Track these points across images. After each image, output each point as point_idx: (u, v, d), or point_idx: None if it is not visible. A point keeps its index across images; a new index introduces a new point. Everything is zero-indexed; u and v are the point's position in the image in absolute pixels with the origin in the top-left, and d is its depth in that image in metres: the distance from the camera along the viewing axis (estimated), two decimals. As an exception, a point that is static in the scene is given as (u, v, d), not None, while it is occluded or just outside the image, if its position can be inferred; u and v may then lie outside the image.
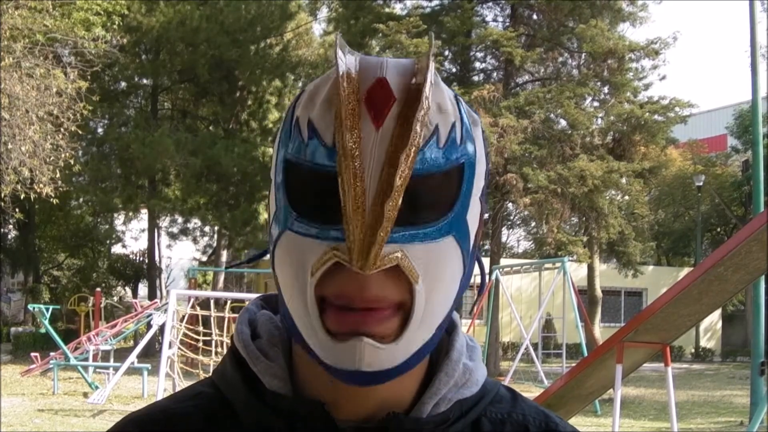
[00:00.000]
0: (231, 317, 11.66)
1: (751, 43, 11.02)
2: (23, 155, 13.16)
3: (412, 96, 0.70)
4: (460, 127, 0.73)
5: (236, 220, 23.03)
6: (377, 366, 0.70)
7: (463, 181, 0.73)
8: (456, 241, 0.72)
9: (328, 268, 0.69)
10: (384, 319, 0.69)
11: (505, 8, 20.25)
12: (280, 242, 0.73)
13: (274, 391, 0.78)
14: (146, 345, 15.06)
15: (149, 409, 0.84)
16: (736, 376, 19.70)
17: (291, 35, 25.12)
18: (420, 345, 0.73)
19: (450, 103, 0.73)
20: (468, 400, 0.81)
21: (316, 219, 0.70)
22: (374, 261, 0.66)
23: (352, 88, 0.70)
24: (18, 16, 13.25)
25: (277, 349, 0.81)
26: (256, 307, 0.88)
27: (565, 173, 16.98)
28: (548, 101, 17.73)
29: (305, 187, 0.71)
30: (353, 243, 0.66)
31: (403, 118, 0.69)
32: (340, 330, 0.69)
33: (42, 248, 30.84)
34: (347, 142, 0.67)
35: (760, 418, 7.76)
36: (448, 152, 0.71)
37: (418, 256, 0.69)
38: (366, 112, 0.69)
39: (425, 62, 0.72)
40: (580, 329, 15.82)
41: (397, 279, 0.69)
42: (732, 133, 29.71)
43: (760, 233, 5.73)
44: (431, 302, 0.71)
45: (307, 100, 0.74)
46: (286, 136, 0.74)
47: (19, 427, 10.71)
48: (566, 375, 7.62)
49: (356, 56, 0.74)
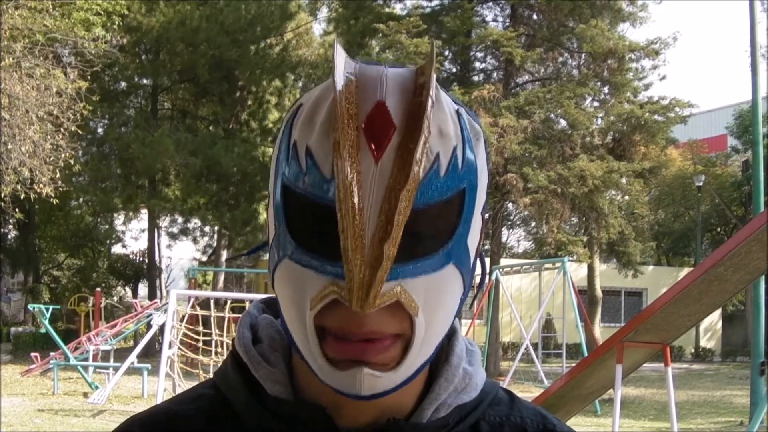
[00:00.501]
0: (231, 317, 11.66)
1: (751, 43, 11.02)
2: (23, 155, 13.16)
3: (412, 119, 0.68)
4: (461, 150, 0.71)
5: (236, 220, 23.03)
6: (377, 390, 0.70)
7: (464, 206, 0.71)
8: (456, 268, 0.72)
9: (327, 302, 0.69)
10: (384, 349, 0.69)
11: (505, 8, 20.26)
12: (280, 268, 0.73)
13: (276, 396, 0.79)
14: (146, 345, 15.06)
15: (152, 411, 0.85)
16: (736, 376, 19.70)
17: (291, 35, 25.12)
18: (419, 367, 0.74)
19: (451, 123, 0.71)
20: (467, 404, 0.81)
21: (316, 251, 0.69)
22: (374, 300, 0.65)
23: (350, 115, 0.68)
24: (18, 16, 13.25)
25: (278, 354, 0.81)
26: (258, 310, 0.88)
27: (565, 173, 16.98)
28: (548, 101, 17.74)
29: (304, 217, 0.70)
30: (352, 283, 0.65)
31: (403, 149, 0.67)
32: (340, 358, 0.70)
33: (42, 248, 30.84)
34: (346, 177, 0.65)
35: (760, 418, 7.76)
36: (448, 180, 0.69)
37: (418, 289, 0.69)
38: (365, 142, 0.67)
39: (427, 76, 0.70)
40: (580, 329, 15.82)
41: (395, 312, 0.69)
42: (732, 133, 29.71)
43: (760, 233, 5.73)
44: (431, 330, 0.71)
45: (305, 122, 0.71)
46: (284, 158, 0.72)
47: (19, 427, 10.71)
48: (566, 375, 7.62)
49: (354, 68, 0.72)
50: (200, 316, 12.02)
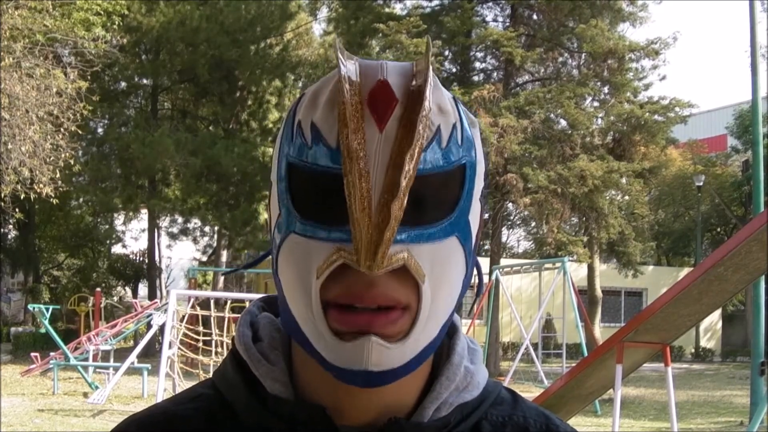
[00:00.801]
0: (231, 317, 11.65)
1: (751, 43, 11.02)
2: (23, 155, 13.16)
3: (413, 98, 0.70)
4: (460, 128, 0.73)
5: (236, 220, 23.03)
6: (384, 365, 0.70)
7: (465, 181, 0.73)
8: (459, 241, 0.73)
9: (333, 269, 0.69)
10: (393, 320, 0.69)
11: (505, 8, 20.26)
12: (284, 245, 0.73)
13: (276, 395, 0.78)
14: (146, 345, 15.06)
15: (150, 411, 0.85)
16: (736, 376, 19.70)
17: (291, 35, 25.12)
18: (425, 344, 0.73)
19: (450, 105, 0.73)
20: (469, 403, 0.81)
21: (321, 221, 0.70)
22: (382, 261, 0.66)
23: (354, 90, 0.70)
24: (18, 16, 13.25)
25: (278, 352, 0.81)
26: (258, 308, 0.88)
27: (565, 173, 16.99)
28: (548, 101, 17.74)
29: (309, 189, 0.71)
30: (360, 243, 0.66)
31: (406, 120, 0.69)
32: (347, 330, 0.69)
33: (42, 248, 30.85)
34: (352, 144, 0.67)
35: (760, 418, 7.76)
36: (449, 153, 0.71)
37: (424, 256, 0.70)
38: (369, 114, 0.69)
39: (424, 64, 0.72)
40: (580, 329, 15.82)
41: (402, 279, 0.69)
42: (732, 133, 29.72)
43: (760, 233, 5.73)
44: (436, 302, 0.71)
45: (308, 103, 0.73)
46: (287, 139, 0.74)
47: (19, 427, 10.71)
48: (566, 375, 7.62)
49: (355, 60, 0.74)
50: (200, 316, 12.03)
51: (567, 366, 14.26)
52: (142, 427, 0.82)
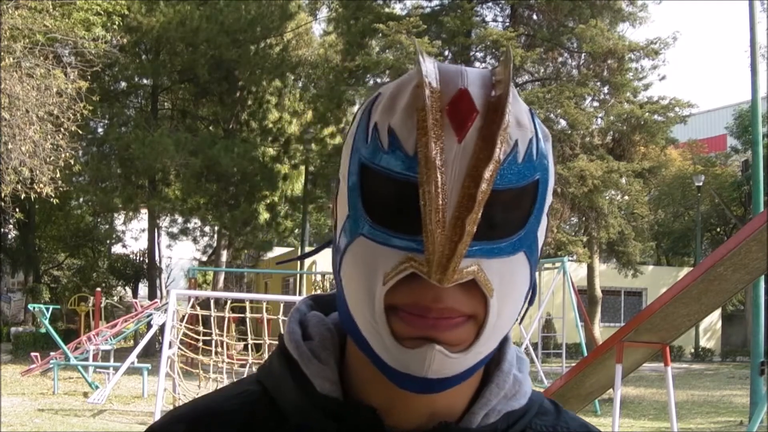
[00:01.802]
0: (231, 317, 11.66)
1: (750, 43, 11.03)
2: (23, 155, 13.16)
3: (492, 109, 0.69)
4: (535, 143, 0.72)
5: (236, 220, 23.03)
6: (444, 374, 0.70)
7: (537, 197, 0.72)
8: (526, 257, 0.72)
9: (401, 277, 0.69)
10: (457, 325, 0.69)
11: (505, 8, 20.26)
12: (352, 247, 0.72)
13: (326, 394, 0.78)
14: (146, 345, 15.05)
15: (193, 406, 0.84)
16: (736, 376, 19.70)
17: (291, 35, 25.12)
18: (486, 355, 0.74)
19: (527, 118, 0.73)
20: (516, 412, 0.81)
21: (392, 227, 0.69)
22: (452, 274, 0.65)
23: (435, 97, 0.69)
24: (18, 16, 13.25)
25: (329, 352, 0.80)
26: (307, 307, 0.88)
27: (565, 173, 16.99)
28: (548, 101, 17.74)
29: (382, 193, 0.70)
30: (432, 255, 0.65)
31: (485, 132, 0.68)
32: (410, 335, 0.69)
33: (42, 248, 30.86)
34: (431, 153, 0.66)
35: (759, 417, 7.77)
36: (525, 168, 0.70)
37: (493, 271, 0.69)
38: (448, 123, 0.68)
39: (504, 74, 0.71)
40: (580, 329, 15.83)
41: (470, 292, 0.69)
42: (732, 133, 29.74)
43: (760, 233, 5.73)
44: (502, 316, 0.71)
45: (386, 106, 0.72)
46: (362, 140, 0.73)
47: (19, 427, 10.71)
48: (566, 375, 7.63)
49: (434, 63, 0.73)
50: (200, 316, 12.02)
51: (567, 366, 14.27)
52: (185, 422, 0.82)
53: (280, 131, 25.14)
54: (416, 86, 0.70)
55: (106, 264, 30.81)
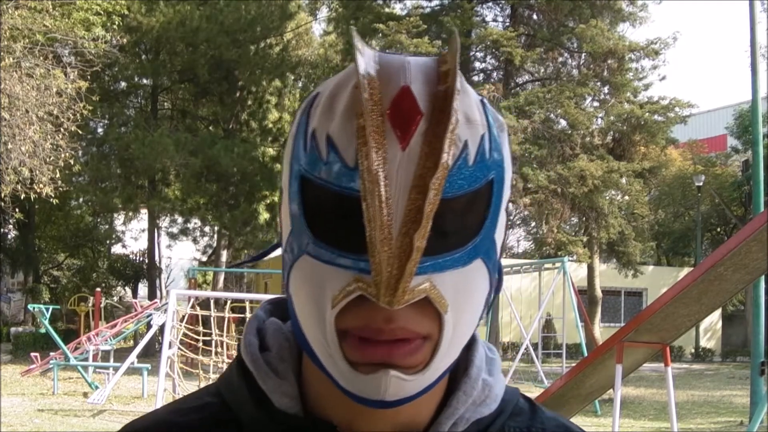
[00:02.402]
0: (231, 317, 11.65)
1: (751, 43, 11.02)
2: (23, 155, 13.16)
3: (438, 107, 0.64)
4: (488, 138, 0.67)
5: (236, 220, 23.03)
6: (401, 395, 0.66)
7: (492, 198, 0.67)
8: (484, 263, 0.68)
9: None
10: (413, 351, 0.65)
11: (505, 8, 20.27)
12: (297, 266, 0.67)
13: (284, 410, 0.74)
14: (146, 345, 15.05)
15: (150, 419, 0.81)
16: (736, 376, 19.69)
17: (291, 35, 25.13)
18: (445, 370, 0.71)
19: (477, 111, 0.67)
20: (485, 418, 0.77)
21: (337, 245, 0.64)
22: (402, 295, 0.61)
23: (374, 100, 0.63)
24: (18, 16, 13.25)
25: (287, 364, 0.76)
26: (265, 313, 0.83)
27: (565, 173, 16.99)
28: (548, 101, 17.74)
29: (324, 208, 0.65)
30: (380, 276, 0.61)
31: (431, 136, 0.63)
32: (364, 361, 0.65)
33: (42, 248, 30.83)
34: (372, 165, 0.61)
35: (760, 418, 7.77)
36: (477, 170, 0.65)
37: (446, 285, 0.64)
38: (390, 128, 0.63)
39: (451, 64, 0.65)
40: (580, 329, 15.82)
41: (423, 310, 0.64)
42: (732, 133, 29.72)
43: (760, 233, 5.73)
44: (458, 330, 0.67)
45: (324, 109, 0.67)
46: (300, 147, 0.68)
47: (19, 427, 10.71)
48: (566, 375, 7.62)
49: (374, 54, 0.68)
50: (200, 316, 12.02)
51: (567, 366, 14.26)
52: None
53: (280, 131, 25.14)
54: (355, 87, 0.65)
55: (106, 264, 30.80)
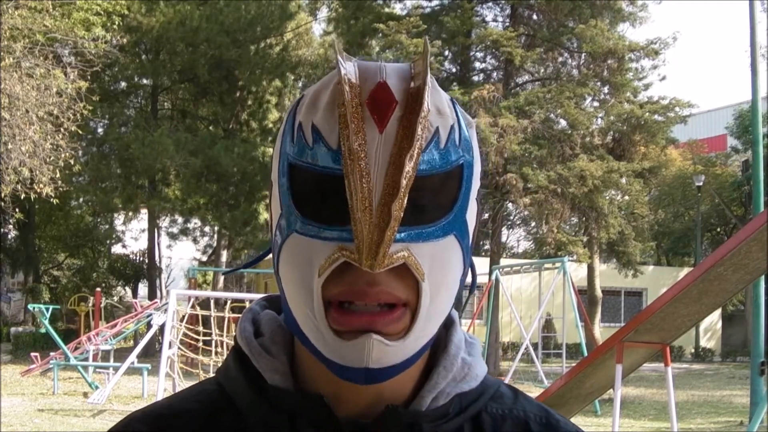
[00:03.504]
0: (231, 317, 11.66)
1: (751, 43, 11.01)
2: (23, 155, 13.15)
3: (411, 99, 0.72)
4: (458, 129, 0.75)
5: (236, 220, 23.03)
6: (385, 362, 0.72)
7: (463, 181, 0.75)
8: (457, 240, 0.74)
9: (335, 268, 0.71)
10: (394, 319, 0.71)
11: (505, 8, 20.25)
12: (286, 244, 0.74)
13: (276, 386, 0.80)
14: (146, 345, 15.06)
15: (153, 407, 0.86)
16: (736, 376, 19.69)
17: (291, 35, 25.12)
18: (425, 341, 0.76)
19: (447, 106, 0.75)
20: (468, 394, 0.82)
21: (322, 220, 0.71)
22: (383, 259, 0.68)
23: (354, 92, 0.71)
24: (18, 16, 13.25)
25: (279, 346, 0.82)
26: (260, 306, 0.89)
27: (565, 173, 16.99)
28: (548, 101, 17.73)
29: (310, 189, 0.73)
30: (362, 242, 0.68)
31: (406, 121, 0.71)
32: (348, 329, 0.71)
33: (42, 248, 30.83)
34: (353, 144, 0.69)
35: (760, 418, 7.76)
36: (448, 153, 0.73)
37: (423, 255, 0.71)
38: (369, 115, 0.71)
39: (422, 65, 0.73)
40: (580, 329, 15.82)
41: (403, 277, 0.71)
42: (732, 133, 29.71)
43: (760, 233, 5.73)
44: (436, 299, 0.73)
45: (309, 105, 0.75)
46: (288, 141, 0.75)
47: (19, 427, 10.71)
48: (566, 375, 7.62)
49: (354, 62, 0.75)
50: (200, 316, 12.03)
51: (567, 366, 14.25)
52: (145, 422, 0.83)
53: (280, 131, 25.13)
54: (336, 83, 0.72)
55: (106, 264, 30.80)
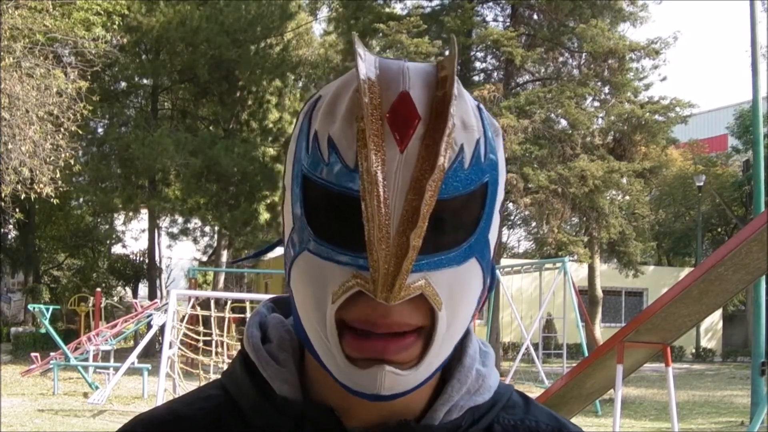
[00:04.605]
0: (231, 317, 11.65)
1: (751, 43, 11.01)
2: (23, 155, 13.15)
3: (435, 114, 0.67)
4: (483, 142, 0.71)
5: (236, 220, 23.03)
6: (397, 390, 0.69)
7: (486, 199, 0.71)
8: (478, 262, 0.71)
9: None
10: (406, 346, 0.68)
11: (506, 8, 20.24)
12: (298, 262, 0.71)
13: (284, 396, 0.78)
14: (146, 345, 15.05)
15: (156, 411, 0.84)
16: (737, 377, 19.69)
17: (291, 35, 25.12)
18: (439, 364, 0.73)
19: (473, 117, 0.71)
20: (480, 407, 0.80)
21: (337, 242, 0.68)
22: (399, 292, 0.64)
23: (374, 104, 0.66)
24: (18, 16, 13.24)
25: (287, 354, 0.80)
26: (267, 309, 0.87)
27: (566, 173, 16.98)
28: (549, 101, 17.72)
29: (325, 207, 0.69)
30: (377, 273, 0.64)
31: (428, 139, 0.66)
32: (361, 356, 0.68)
33: (42, 248, 30.84)
34: (372, 166, 0.64)
35: (760, 418, 7.76)
36: (473, 173, 0.69)
37: (442, 282, 0.68)
38: (389, 131, 0.66)
39: (449, 70, 0.69)
40: (581, 329, 15.82)
41: (419, 305, 0.68)
42: (732, 133, 29.71)
43: (761, 233, 5.72)
44: (452, 326, 0.70)
45: (326, 113, 0.70)
46: (302, 148, 0.71)
47: (19, 427, 10.71)
48: (567, 375, 7.62)
49: (375, 60, 0.71)
50: (200, 316, 12.02)
51: (567, 366, 14.25)
52: (149, 426, 0.82)
53: (281, 131, 25.14)
54: (355, 90, 0.68)
55: (106, 264, 30.80)
